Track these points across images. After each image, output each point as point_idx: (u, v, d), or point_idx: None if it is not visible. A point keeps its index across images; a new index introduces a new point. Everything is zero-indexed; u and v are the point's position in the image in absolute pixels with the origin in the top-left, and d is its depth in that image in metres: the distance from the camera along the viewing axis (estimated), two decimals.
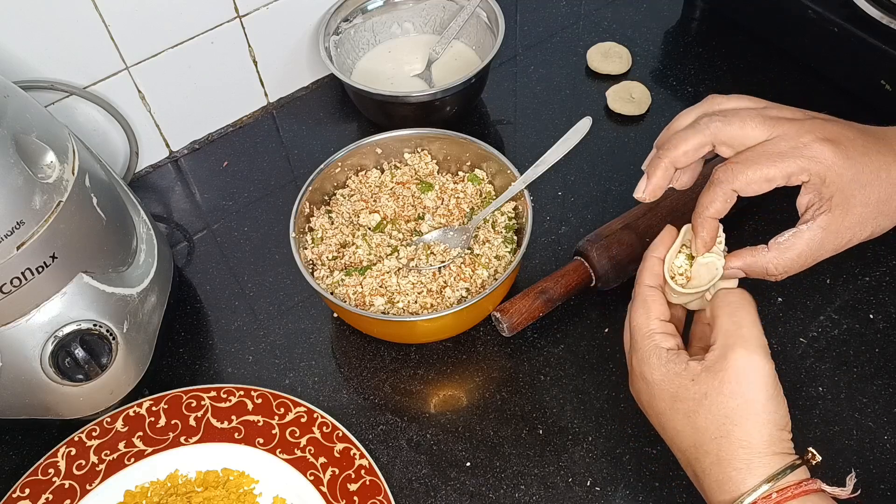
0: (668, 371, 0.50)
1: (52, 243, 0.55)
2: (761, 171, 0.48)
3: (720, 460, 0.47)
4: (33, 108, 0.57)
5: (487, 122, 0.86)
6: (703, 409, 0.48)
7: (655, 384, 0.50)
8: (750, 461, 0.46)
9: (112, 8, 0.70)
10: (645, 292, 0.53)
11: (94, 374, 0.60)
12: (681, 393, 0.49)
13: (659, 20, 0.94)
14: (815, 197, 0.49)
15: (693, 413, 0.48)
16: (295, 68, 0.88)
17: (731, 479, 0.47)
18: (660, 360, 0.50)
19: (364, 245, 0.68)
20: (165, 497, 0.60)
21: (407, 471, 0.62)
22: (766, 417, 0.47)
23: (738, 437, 0.47)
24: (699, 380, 0.48)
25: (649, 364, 0.51)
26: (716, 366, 0.48)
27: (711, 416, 0.47)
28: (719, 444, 0.47)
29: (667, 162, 0.52)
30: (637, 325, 0.52)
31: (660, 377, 0.50)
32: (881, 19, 0.73)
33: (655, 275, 0.54)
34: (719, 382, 0.47)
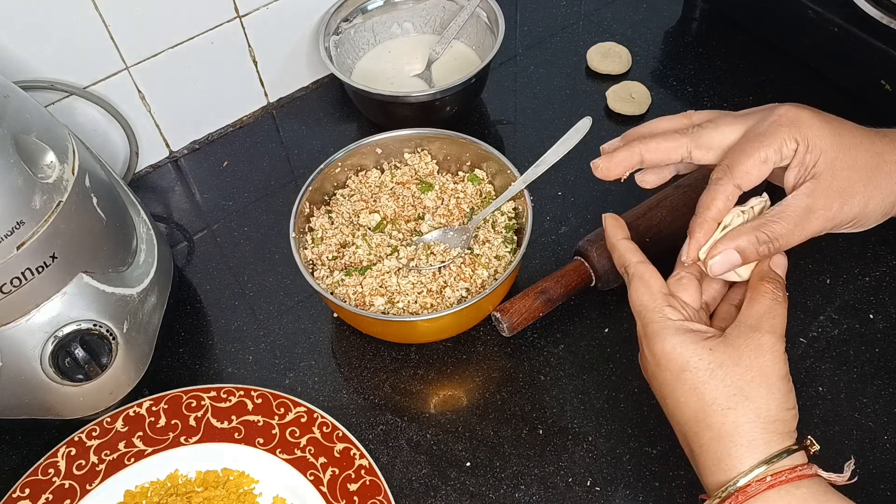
0: (680, 340, 0.49)
1: (52, 243, 0.55)
2: (754, 154, 0.48)
3: (722, 435, 0.47)
4: (33, 108, 0.57)
5: (487, 122, 0.86)
6: (716, 379, 0.47)
7: (665, 355, 0.49)
8: (753, 438, 0.46)
9: (112, 8, 0.70)
10: (639, 270, 0.53)
11: (94, 374, 0.60)
12: (692, 363, 0.48)
13: (659, 20, 0.94)
14: (800, 170, 0.49)
15: (702, 384, 0.48)
16: (295, 68, 0.88)
17: (730, 455, 0.46)
18: (670, 331, 0.49)
19: (364, 245, 0.68)
20: (165, 497, 0.60)
21: (407, 471, 0.62)
22: (777, 394, 0.47)
23: (747, 409, 0.46)
24: (717, 349, 0.48)
25: (660, 336, 0.50)
26: (737, 340, 0.48)
27: (723, 386, 0.47)
28: (725, 416, 0.47)
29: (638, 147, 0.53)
30: (642, 302, 0.52)
31: (669, 348, 0.49)
32: (881, 19, 0.73)
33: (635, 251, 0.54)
34: (738, 354, 0.47)
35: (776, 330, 0.48)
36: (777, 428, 0.47)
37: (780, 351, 0.48)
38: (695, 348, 0.48)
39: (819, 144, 0.48)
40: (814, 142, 0.48)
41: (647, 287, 0.52)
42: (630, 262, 0.54)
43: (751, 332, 0.48)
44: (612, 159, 0.54)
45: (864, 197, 0.49)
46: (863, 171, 0.48)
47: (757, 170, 0.49)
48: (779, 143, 0.48)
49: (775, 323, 0.49)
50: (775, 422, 0.47)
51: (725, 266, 0.50)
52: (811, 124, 0.48)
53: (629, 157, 0.53)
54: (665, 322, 0.50)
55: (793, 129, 0.48)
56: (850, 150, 0.48)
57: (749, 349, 0.48)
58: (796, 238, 0.49)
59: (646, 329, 0.51)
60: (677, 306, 0.51)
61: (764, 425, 0.46)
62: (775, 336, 0.48)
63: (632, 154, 0.53)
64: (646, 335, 0.51)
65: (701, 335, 0.49)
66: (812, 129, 0.48)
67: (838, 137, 0.48)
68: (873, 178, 0.49)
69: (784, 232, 0.49)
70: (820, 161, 0.48)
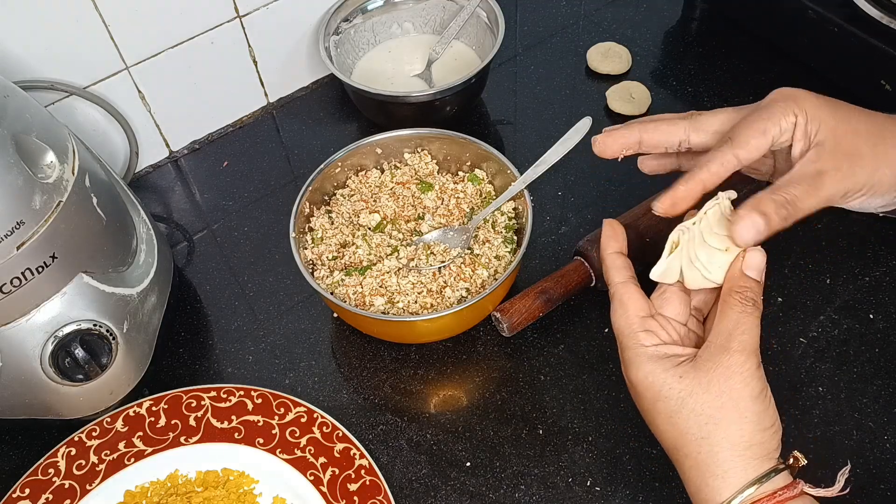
0: (651, 370, 0.48)
1: (52, 243, 0.55)
2: (753, 125, 0.48)
3: (698, 465, 0.47)
4: (33, 108, 0.57)
5: (487, 122, 0.86)
6: (686, 408, 0.47)
7: (639, 383, 0.49)
8: (728, 467, 0.45)
9: (112, 8, 0.70)
10: (619, 291, 0.52)
11: (94, 374, 0.60)
12: (664, 392, 0.48)
13: (659, 20, 0.94)
14: (804, 141, 0.48)
15: (675, 413, 0.47)
16: (295, 68, 0.88)
17: (707, 485, 0.46)
18: (642, 359, 0.49)
19: (364, 245, 0.68)
20: (165, 497, 0.60)
21: (407, 471, 0.62)
22: (749, 416, 0.46)
23: (720, 437, 0.46)
24: (686, 377, 0.47)
25: (634, 364, 0.49)
26: (706, 364, 0.47)
27: (694, 415, 0.47)
28: (699, 445, 0.46)
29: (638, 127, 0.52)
30: (618, 326, 0.51)
31: (642, 377, 0.49)
32: (881, 19, 0.73)
33: (620, 269, 0.52)
34: (707, 380, 0.47)
35: (746, 347, 0.47)
36: (753, 453, 0.46)
37: (750, 370, 0.46)
38: (665, 377, 0.48)
39: (817, 114, 0.48)
40: (812, 112, 0.48)
41: (625, 310, 0.51)
42: (612, 281, 0.52)
43: (719, 353, 0.47)
44: (611, 135, 0.53)
45: (872, 161, 0.48)
46: (866, 136, 0.48)
47: (756, 140, 0.48)
48: (777, 116, 0.48)
49: (745, 339, 0.47)
50: (751, 447, 0.46)
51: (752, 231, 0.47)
52: (807, 97, 0.49)
53: (628, 134, 0.53)
54: (638, 349, 0.49)
55: (789, 103, 0.48)
56: (850, 119, 0.48)
57: (717, 373, 0.46)
58: (811, 202, 0.47)
59: (622, 354, 0.51)
60: (655, 328, 0.50)
61: (740, 452, 0.46)
62: (744, 354, 0.47)
63: (630, 132, 0.53)
64: (623, 360, 0.51)
65: (674, 361, 0.48)
66: (808, 101, 0.48)
67: (835, 109, 0.49)
68: (878, 144, 0.48)
69: (800, 194, 0.47)
70: (821, 129, 0.48)
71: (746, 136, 0.48)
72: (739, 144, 0.48)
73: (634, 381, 0.50)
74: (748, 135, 0.48)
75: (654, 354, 0.49)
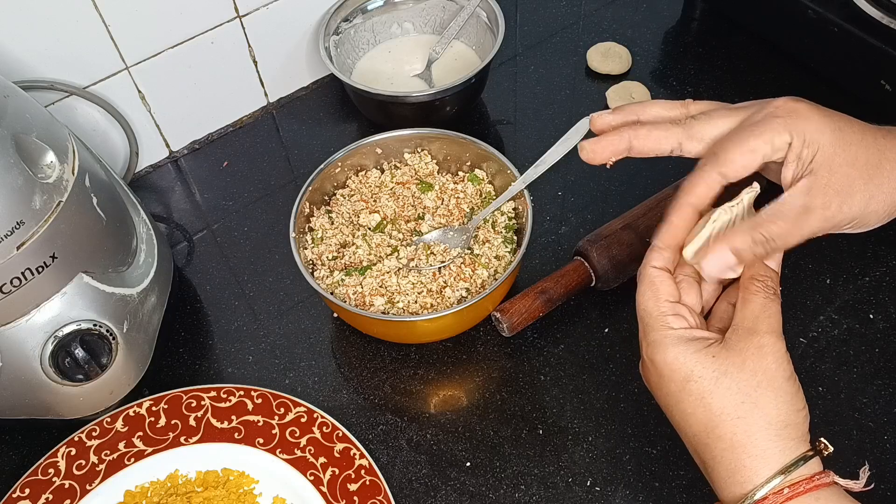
0: (681, 350, 0.47)
1: (52, 243, 0.55)
2: (743, 143, 0.47)
3: (734, 445, 0.46)
4: (33, 108, 0.57)
5: (487, 122, 0.86)
6: (721, 388, 0.46)
7: (667, 366, 0.48)
8: (766, 447, 0.45)
9: (112, 8, 0.70)
10: (652, 274, 0.50)
11: (94, 374, 0.60)
12: (696, 372, 0.47)
13: (659, 20, 0.94)
14: (797, 165, 0.47)
15: (708, 394, 0.46)
16: (295, 68, 0.88)
17: (744, 466, 0.45)
18: (671, 341, 0.48)
19: (364, 245, 0.68)
20: (165, 497, 0.60)
21: (407, 471, 0.62)
22: (785, 397, 0.45)
23: (757, 417, 0.45)
24: (720, 357, 0.46)
25: (662, 346, 0.48)
26: (739, 344, 0.46)
27: (731, 394, 0.46)
28: (735, 425, 0.46)
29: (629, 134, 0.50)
30: (646, 308, 0.50)
31: (671, 358, 0.48)
32: (881, 19, 0.73)
33: (663, 258, 0.51)
34: (741, 359, 0.46)
35: (774, 329, 0.47)
36: (789, 433, 0.45)
37: (781, 351, 0.46)
38: (698, 357, 0.47)
39: (817, 139, 0.46)
40: (811, 136, 0.46)
41: (655, 293, 0.49)
42: (648, 263, 0.51)
43: (749, 335, 0.47)
44: (599, 143, 0.51)
45: (865, 196, 0.47)
46: (863, 168, 0.46)
47: (743, 159, 0.47)
48: (770, 133, 0.46)
49: (772, 322, 0.47)
50: (787, 427, 0.45)
51: (720, 267, 0.47)
52: (809, 117, 0.46)
53: (617, 142, 0.51)
54: (666, 331, 0.48)
55: (788, 122, 0.46)
56: (851, 146, 0.46)
57: (751, 353, 0.46)
58: (794, 238, 0.47)
59: (647, 337, 0.49)
60: (684, 314, 0.50)
61: (777, 432, 0.45)
62: (774, 336, 0.47)
63: (620, 140, 0.51)
64: (647, 343, 0.49)
65: (703, 342, 0.48)
66: (810, 123, 0.46)
67: (838, 133, 0.47)
68: (874, 177, 0.47)
69: (781, 232, 0.46)
70: (817, 156, 0.46)
71: (733, 154, 0.47)
72: (724, 162, 0.47)
73: (660, 363, 0.48)
74: (735, 153, 0.47)
75: (683, 336, 0.48)
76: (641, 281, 0.51)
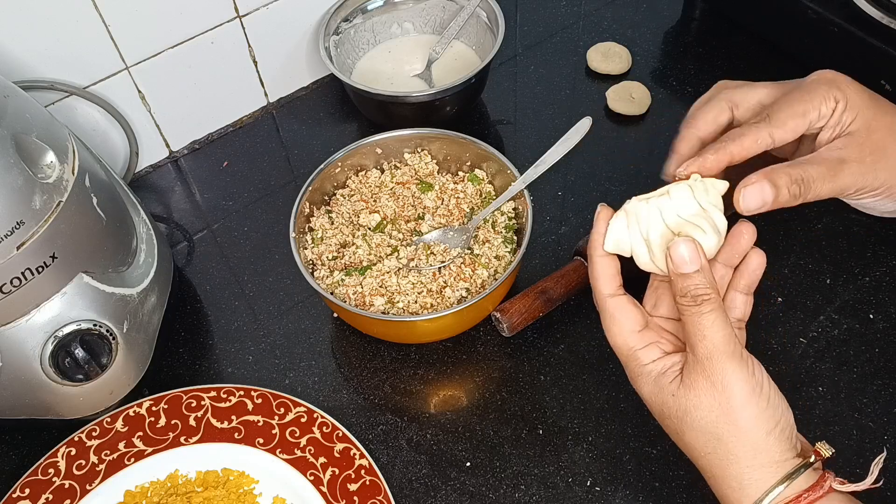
0: (651, 389, 0.48)
1: (52, 243, 0.55)
2: (794, 106, 0.47)
3: (714, 478, 0.46)
4: (33, 108, 0.57)
5: (487, 122, 0.86)
6: (686, 426, 0.46)
7: (647, 401, 0.49)
8: (742, 479, 0.45)
9: (112, 8, 0.70)
10: (608, 306, 0.49)
11: (94, 374, 0.60)
12: (665, 411, 0.47)
13: (659, 20, 0.94)
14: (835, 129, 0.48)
15: (680, 431, 0.47)
16: (295, 68, 0.88)
17: (727, 498, 0.46)
18: (644, 378, 0.48)
19: (364, 245, 0.68)
20: (165, 497, 0.60)
21: (407, 471, 0.62)
22: (745, 424, 0.44)
23: (724, 452, 0.45)
24: (678, 395, 0.46)
25: (638, 382, 0.49)
26: (689, 378, 0.46)
27: (695, 433, 0.46)
28: (709, 460, 0.46)
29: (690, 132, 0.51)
30: (615, 344, 0.50)
31: (647, 395, 0.49)
32: (881, 19, 0.73)
33: (609, 277, 0.49)
34: (695, 396, 0.45)
35: (713, 351, 0.44)
36: (761, 460, 0.44)
37: (729, 372, 0.44)
38: (663, 398, 0.47)
39: (857, 102, 0.47)
40: (853, 99, 0.47)
41: (620, 328, 0.49)
42: (600, 292, 0.49)
43: (695, 364, 0.45)
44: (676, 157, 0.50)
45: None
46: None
47: (794, 121, 0.47)
48: (819, 99, 0.47)
49: (707, 344, 0.44)
50: (757, 455, 0.44)
51: (758, 200, 0.45)
52: (850, 84, 0.48)
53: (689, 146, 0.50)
54: (639, 369, 0.48)
55: (832, 87, 0.47)
56: (887, 115, 0.48)
57: (701, 387, 0.45)
58: (827, 186, 0.46)
59: (626, 370, 0.50)
60: (654, 339, 0.49)
61: (747, 462, 0.44)
62: (714, 359, 0.44)
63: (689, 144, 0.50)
64: (628, 374, 0.50)
65: (669, 376, 0.47)
66: (851, 88, 0.48)
67: (876, 101, 0.48)
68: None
69: (817, 176, 0.46)
70: (857, 120, 0.47)
71: (785, 116, 0.47)
72: (777, 124, 0.47)
73: (643, 397, 0.49)
74: (787, 115, 0.47)
75: (653, 372, 0.48)
76: (602, 314, 0.50)
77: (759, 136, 0.47)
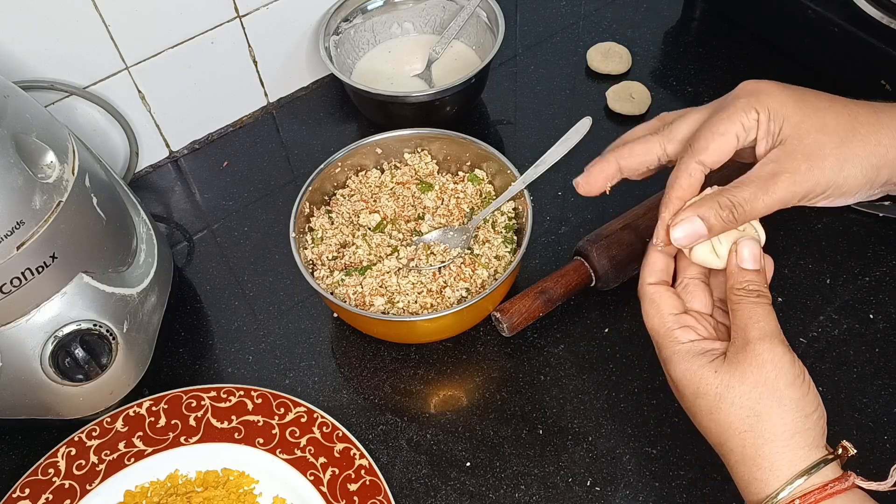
0: (689, 367, 0.48)
1: (52, 243, 0.55)
2: (712, 128, 0.48)
3: (745, 458, 0.46)
4: (33, 108, 0.57)
5: (487, 122, 0.86)
6: (726, 402, 0.46)
7: (679, 381, 0.49)
8: (774, 459, 0.45)
9: (112, 8, 0.70)
10: (649, 292, 0.51)
11: (94, 374, 0.60)
12: (702, 388, 0.47)
13: (659, 20, 0.94)
14: (767, 140, 0.47)
15: (715, 409, 0.47)
16: (295, 68, 0.88)
17: (755, 479, 0.46)
18: (680, 357, 0.49)
19: (364, 245, 0.68)
20: (165, 497, 0.60)
21: (407, 471, 0.62)
22: (789, 405, 0.45)
23: (762, 429, 0.45)
24: (721, 371, 0.47)
25: (672, 362, 0.49)
26: (737, 357, 0.47)
27: (735, 409, 0.46)
28: (744, 438, 0.46)
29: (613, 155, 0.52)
30: (653, 326, 0.51)
31: (680, 374, 0.48)
32: (881, 19, 0.73)
33: (656, 270, 0.52)
34: (741, 373, 0.46)
35: (766, 334, 0.46)
36: (798, 442, 0.45)
37: (779, 355, 0.46)
38: (702, 373, 0.47)
39: (781, 111, 0.47)
40: (775, 109, 0.47)
41: (657, 309, 0.50)
42: (644, 280, 0.52)
43: (744, 346, 0.47)
44: (590, 173, 0.53)
45: (838, 160, 0.47)
46: (834, 133, 0.47)
47: (715, 143, 0.48)
48: (738, 115, 0.47)
49: (762, 326, 0.47)
50: (794, 436, 0.45)
51: (690, 236, 0.48)
52: (770, 93, 0.47)
53: (605, 167, 0.53)
54: (676, 346, 0.49)
55: (752, 99, 0.47)
56: (818, 112, 0.47)
57: (749, 365, 0.46)
58: (762, 204, 0.47)
59: (661, 353, 0.51)
60: (691, 323, 0.50)
61: (784, 442, 0.45)
62: (767, 341, 0.46)
63: (608, 164, 0.53)
64: (662, 360, 0.50)
65: (710, 356, 0.48)
66: (772, 97, 0.47)
67: (802, 102, 0.47)
68: (847, 141, 0.47)
69: (748, 196, 0.47)
70: (784, 127, 0.47)
71: (706, 141, 0.48)
72: (699, 151, 0.48)
73: (675, 378, 0.49)
74: (707, 140, 0.48)
75: (691, 350, 0.49)
76: (642, 300, 0.52)
77: (690, 169, 0.49)
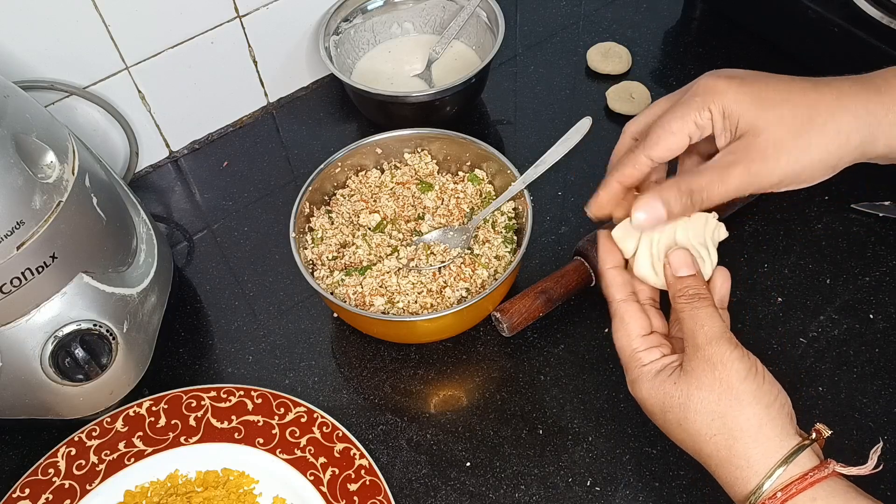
0: (652, 384, 0.49)
1: (52, 243, 0.55)
2: (666, 126, 0.49)
3: (721, 461, 0.47)
4: (33, 108, 0.57)
5: (487, 122, 0.86)
6: (691, 411, 0.47)
7: (645, 401, 0.50)
8: (748, 455, 0.46)
9: (112, 8, 0.70)
10: (620, 310, 0.52)
11: (94, 374, 0.60)
12: (667, 402, 0.48)
13: (659, 20, 0.94)
14: (725, 136, 0.48)
15: (683, 420, 0.48)
16: (295, 68, 0.88)
17: (736, 479, 0.46)
18: (644, 377, 0.50)
19: (364, 245, 0.68)
20: (165, 497, 0.60)
21: (407, 471, 0.62)
22: (747, 398, 0.46)
23: (729, 429, 0.46)
24: (680, 382, 0.48)
25: (637, 384, 0.50)
26: (690, 364, 0.48)
27: (700, 416, 0.47)
28: (716, 442, 0.47)
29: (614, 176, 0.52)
30: (620, 346, 0.52)
31: (646, 394, 0.50)
32: (881, 19, 0.73)
33: (620, 285, 0.53)
34: (697, 379, 0.47)
35: (713, 337, 0.47)
36: (766, 433, 0.46)
37: (727, 354, 0.47)
38: (665, 388, 0.49)
39: (736, 109, 0.47)
40: (730, 107, 0.47)
41: (626, 330, 0.52)
42: (612, 298, 0.53)
43: (695, 352, 0.48)
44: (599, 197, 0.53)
45: (796, 151, 0.47)
46: (790, 126, 0.47)
47: (666, 141, 0.49)
48: (692, 114, 0.48)
49: (707, 330, 0.48)
50: (762, 427, 0.46)
51: (651, 219, 0.48)
52: (726, 91, 0.48)
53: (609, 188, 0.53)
54: (640, 370, 0.50)
55: (706, 98, 0.48)
56: (774, 107, 0.47)
57: (703, 370, 0.47)
58: (717, 191, 0.48)
59: (626, 374, 0.52)
60: (656, 342, 0.51)
61: (753, 436, 0.46)
62: (715, 343, 0.47)
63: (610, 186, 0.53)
64: (628, 380, 0.52)
65: (668, 371, 0.49)
66: (727, 96, 0.48)
67: (758, 99, 0.48)
68: (804, 133, 0.47)
69: (705, 184, 0.47)
70: (741, 123, 0.47)
71: (657, 137, 0.49)
72: (650, 146, 0.49)
73: (641, 399, 0.50)
74: (659, 136, 0.49)
75: (652, 370, 0.50)
76: (613, 317, 0.53)
77: (637, 160, 0.50)
